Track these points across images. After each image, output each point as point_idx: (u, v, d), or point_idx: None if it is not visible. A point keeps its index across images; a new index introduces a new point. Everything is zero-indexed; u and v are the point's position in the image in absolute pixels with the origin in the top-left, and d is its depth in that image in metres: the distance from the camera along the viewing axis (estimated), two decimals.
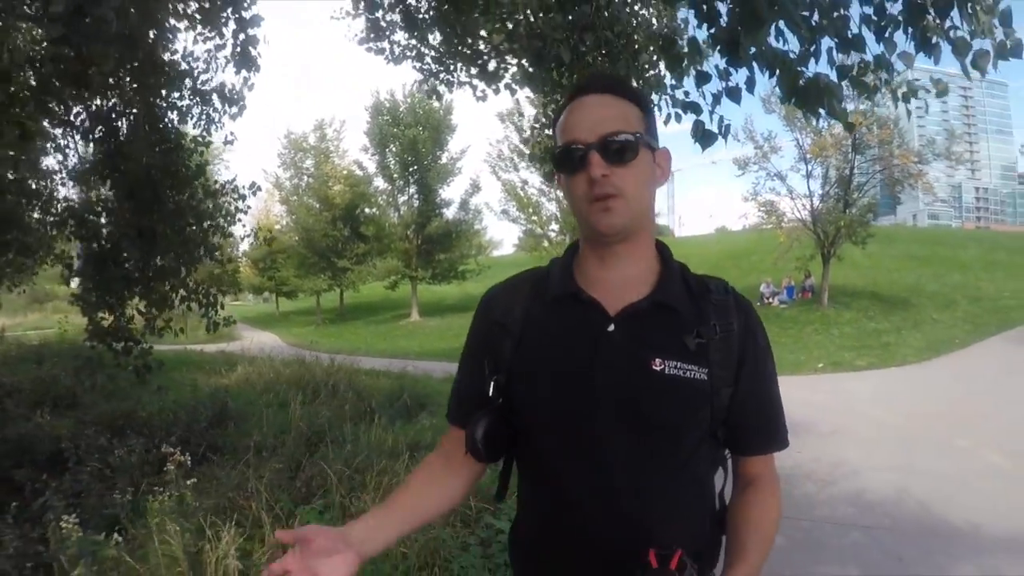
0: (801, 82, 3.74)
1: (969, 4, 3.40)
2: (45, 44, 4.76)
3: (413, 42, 8.27)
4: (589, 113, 1.56)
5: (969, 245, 49.30)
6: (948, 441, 8.92)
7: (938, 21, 3.48)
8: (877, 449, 8.52)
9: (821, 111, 3.93)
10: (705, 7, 3.80)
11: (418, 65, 8.61)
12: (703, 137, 4.25)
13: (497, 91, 8.16)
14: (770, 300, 29.62)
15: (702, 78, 4.22)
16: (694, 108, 4.53)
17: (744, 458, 1.71)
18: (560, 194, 33.91)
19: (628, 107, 1.58)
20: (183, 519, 4.39)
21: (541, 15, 6.35)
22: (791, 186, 27.94)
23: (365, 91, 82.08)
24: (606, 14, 6.24)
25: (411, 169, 40.69)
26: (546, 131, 7.76)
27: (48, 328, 23.46)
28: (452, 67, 8.57)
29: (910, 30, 3.73)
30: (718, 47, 3.85)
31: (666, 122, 5.18)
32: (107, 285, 8.68)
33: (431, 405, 10.18)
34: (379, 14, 7.91)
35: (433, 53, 8.46)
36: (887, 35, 3.86)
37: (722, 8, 3.84)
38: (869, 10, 3.86)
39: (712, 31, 3.86)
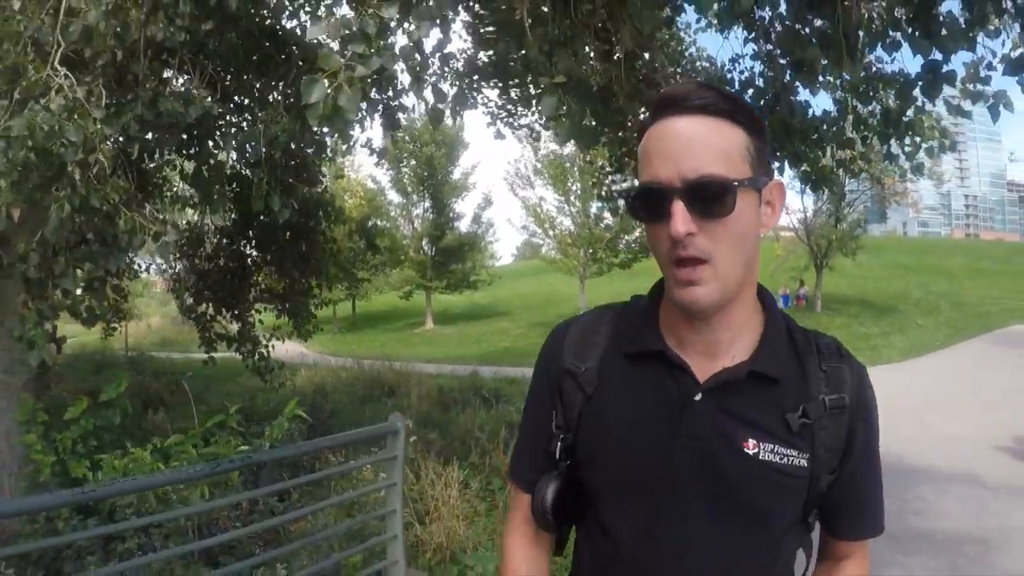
0: (813, 176, 5.95)
1: (917, 137, 5.60)
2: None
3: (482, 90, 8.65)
4: (676, 144, 1.21)
5: (956, 254, 51.01)
6: (920, 417, 11.27)
7: (896, 140, 5.69)
8: None
9: (825, 190, 6.18)
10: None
11: (484, 110, 9.47)
12: None
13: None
14: None
15: None
16: None
17: (834, 539, 1.50)
18: (575, 210, 35.47)
19: (731, 133, 1.23)
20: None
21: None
22: (786, 203, 29.96)
23: None
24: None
25: (426, 184, 42.11)
26: (613, 177, 8.98)
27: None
28: (515, 112, 9.46)
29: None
30: None
31: None
32: (227, 300, 10.30)
33: (504, 397, 11.96)
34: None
35: (499, 100, 9.15)
36: (868, 141, 6.06)
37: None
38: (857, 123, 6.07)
39: None
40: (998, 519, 6.57)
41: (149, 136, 5.82)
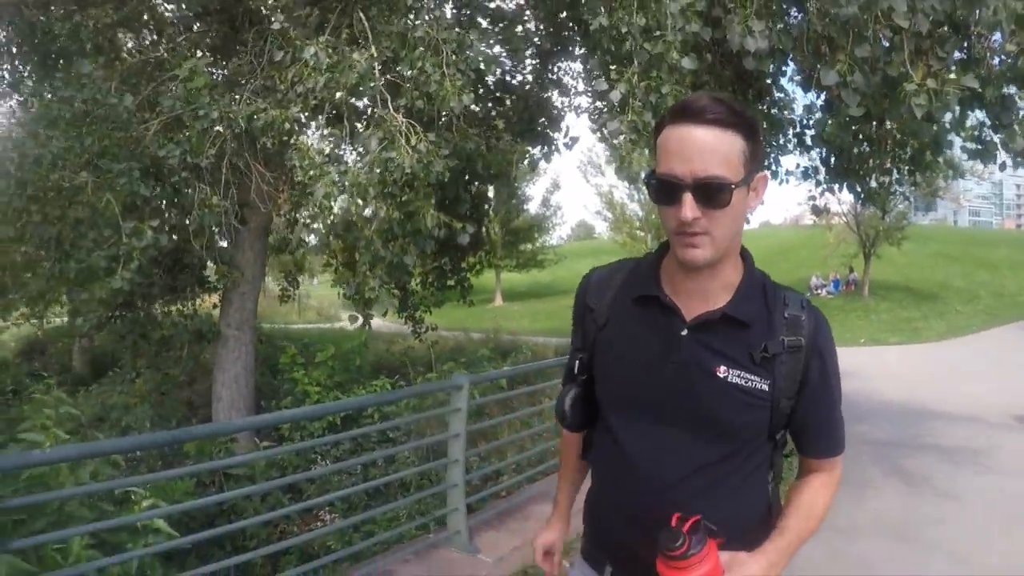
0: (863, 195, 8.65)
1: (927, 171, 8.29)
2: None
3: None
4: (689, 147, 1.52)
5: (1001, 245, 50.70)
6: (945, 381, 14.08)
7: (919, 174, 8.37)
8: (899, 383, 13.60)
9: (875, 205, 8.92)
10: (823, 158, 8.65)
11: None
12: (816, 210, 9.12)
13: None
14: (818, 291, 33.14)
15: (818, 183, 8.87)
16: (812, 198, 9.10)
17: (803, 457, 1.84)
18: (643, 197, 36.72)
19: (733, 141, 1.54)
20: None
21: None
22: (839, 196, 31.72)
23: None
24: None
25: None
26: None
27: None
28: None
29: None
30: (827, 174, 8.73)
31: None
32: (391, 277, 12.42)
33: None
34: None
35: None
36: (900, 172, 8.71)
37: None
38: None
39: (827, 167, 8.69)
40: (991, 440, 9.26)
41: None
